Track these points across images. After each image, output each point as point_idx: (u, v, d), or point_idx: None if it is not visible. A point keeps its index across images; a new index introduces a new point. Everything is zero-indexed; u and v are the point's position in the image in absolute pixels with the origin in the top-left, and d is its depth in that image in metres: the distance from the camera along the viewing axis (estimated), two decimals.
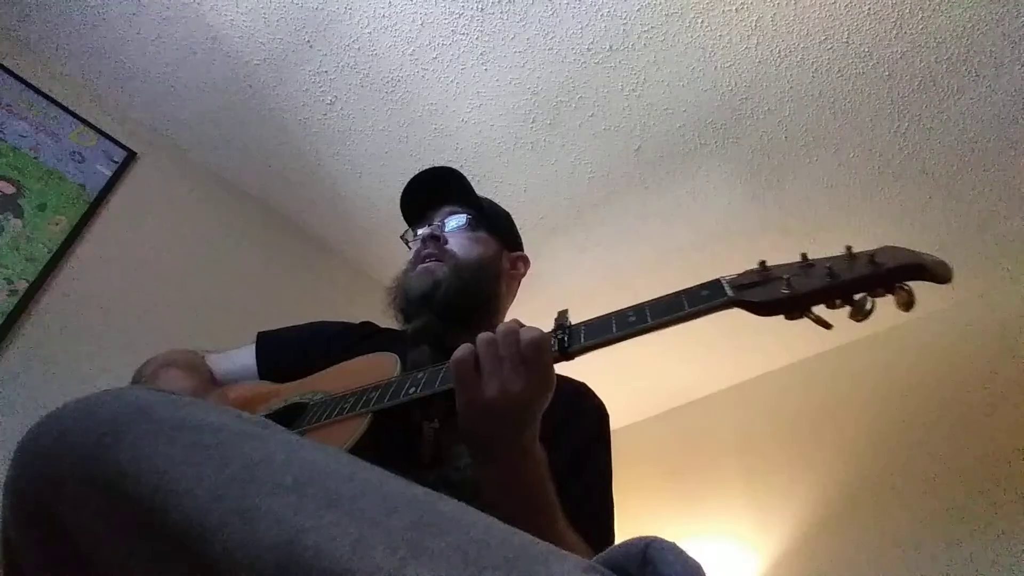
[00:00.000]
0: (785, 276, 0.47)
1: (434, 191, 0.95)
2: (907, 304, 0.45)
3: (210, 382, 0.85)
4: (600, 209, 1.92)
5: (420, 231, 0.89)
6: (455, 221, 0.90)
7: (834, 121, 1.63)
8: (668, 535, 0.31)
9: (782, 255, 0.54)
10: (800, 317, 0.47)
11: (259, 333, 0.93)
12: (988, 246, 1.91)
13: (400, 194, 0.98)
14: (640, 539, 0.31)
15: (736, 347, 2.36)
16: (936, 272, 0.43)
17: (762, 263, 0.50)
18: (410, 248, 0.93)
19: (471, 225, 0.90)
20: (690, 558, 0.30)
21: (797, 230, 1.91)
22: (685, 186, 1.83)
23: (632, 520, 2.51)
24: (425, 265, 0.84)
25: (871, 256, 0.45)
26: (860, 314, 0.46)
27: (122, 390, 0.40)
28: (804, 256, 0.49)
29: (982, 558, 1.67)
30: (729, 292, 0.49)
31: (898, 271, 0.44)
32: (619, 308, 0.55)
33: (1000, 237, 1.88)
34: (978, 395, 1.89)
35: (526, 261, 0.98)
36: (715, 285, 0.50)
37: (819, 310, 0.47)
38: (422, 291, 0.81)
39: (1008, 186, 1.73)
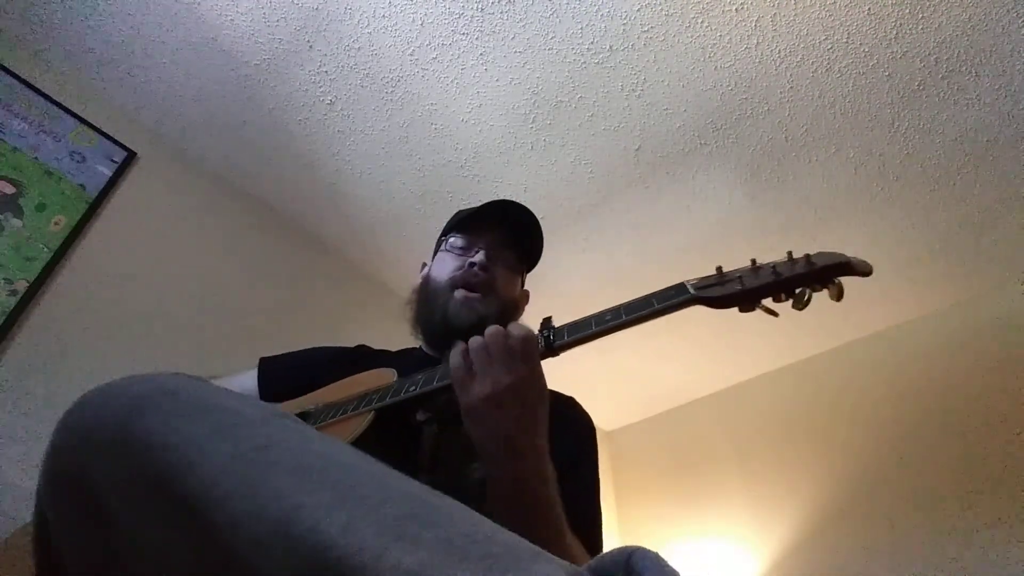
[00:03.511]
0: (738, 276, 0.57)
1: (511, 224, 0.92)
2: (838, 295, 0.54)
3: None
4: (600, 209, 1.92)
5: (471, 252, 0.87)
6: (505, 258, 0.89)
7: (834, 121, 1.63)
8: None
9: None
10: (752, 309, 0.57)
11: (261, 359, 0.95)
12: (988, 246, 1.91)
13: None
14: (625, 548, 0.32)
15: (735, 348, 2.36)
16: (859, 268, 0.54)
17: (719, 268, 0.60)
18: (443, 248, 0.92)
19: (517, 270, 0.93)
20: (669, 567, 0.31)
21: (797, 230, 1.91)
22: (685, 186, 1.83)
23: (632, 520, 2.51)
24: (468, 296, 0.83)
25: (807, 258, 0.55)
26: (800, 304, 0.55)
27: (154, 374, 0.44)
28: (753, 261, 0.59)
29: (981, 557, 1.67)
30: (691, 291, 0.58)
31: (828, 268, 0.54)
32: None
33: (1000, 237, 1.88)
34: (977, 395, 1.90)
35: (528, 297, 1.01)
36: (680, 286, 0.60)
37: (768, 303, 0.57)
38: (469, 324, 0.80)
39: (1008, 186, 1.73)
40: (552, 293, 2.13)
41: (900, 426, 2.00)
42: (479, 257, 0.85)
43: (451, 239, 0.91)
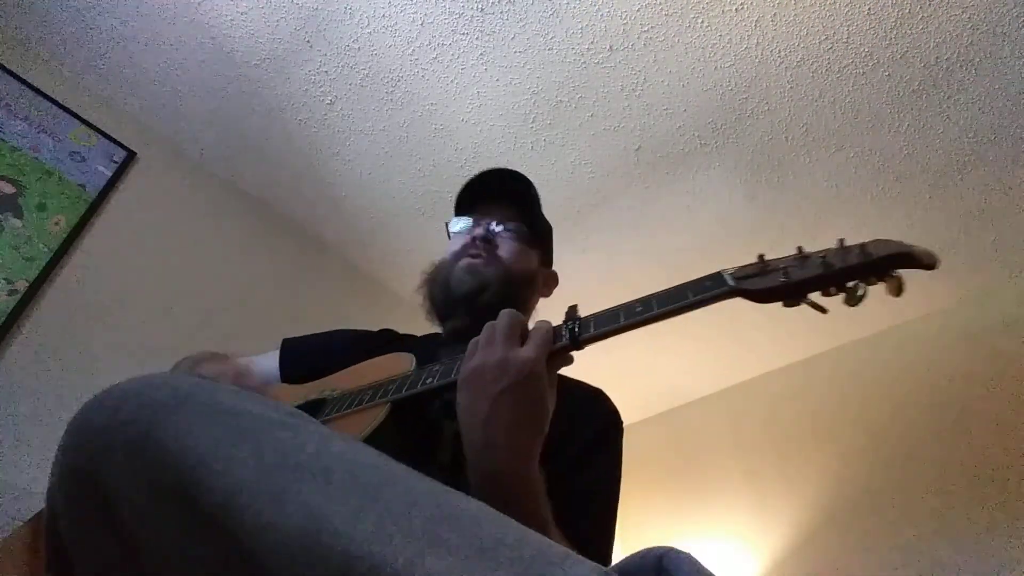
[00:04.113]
0: (782, 266, 0.51)
1: (499, 190, 0.91)
2: (897, 290, 0.48)
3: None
4: (600, 209, 1.92)
5: (474, 228, 0.86)
6: (510, 229, 0.87)
7: (834, 121, 1.63)
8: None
9: (782, 254, 0.55)
10: (797, 304, 0.50)
11: (284, 340, 0.94)
12: (988, 245, 1.91)
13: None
14: (656, 548, 0.32)
15: (736, 347, 2.36)
16: (923, 260, 0.46)
17: (761, 256, 0.53)
18: (450, 236, 0.91)
19: (524, 238, 0.88)
20: (705, 568, 0.30)
21: (797, 230, 1.91)
22: (685, 186, 1.83)
23: (632, 520, 2.51)
24: (472, 261, 0.82)
25: (863, 246, 0.49)
26: (853, 300, 0.49)
27: (171, 375, 0.43)
28: (800, 249, 0.52)
29: (982, 558, 1.67)
30: (730, 282, 0.51)
31: (888, 259, 0.47)
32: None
33: (1000, 236, 1.88)
34: (978, 394, 1.89)
35: (556, 280, 0.97)
36: (717, 276, 0.53)
37: (815, 297, 0.50)
38: (468, 289, 0.79)
39: (1008, 185, 1.73)
40: (552, 293, 2.12)
41: (900, 426, 2.00)
42: (479, 231, 0.84)
43: (457, 223, 0.91)
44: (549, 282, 0.95)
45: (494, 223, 0.87)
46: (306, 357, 0.89)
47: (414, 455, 0.41)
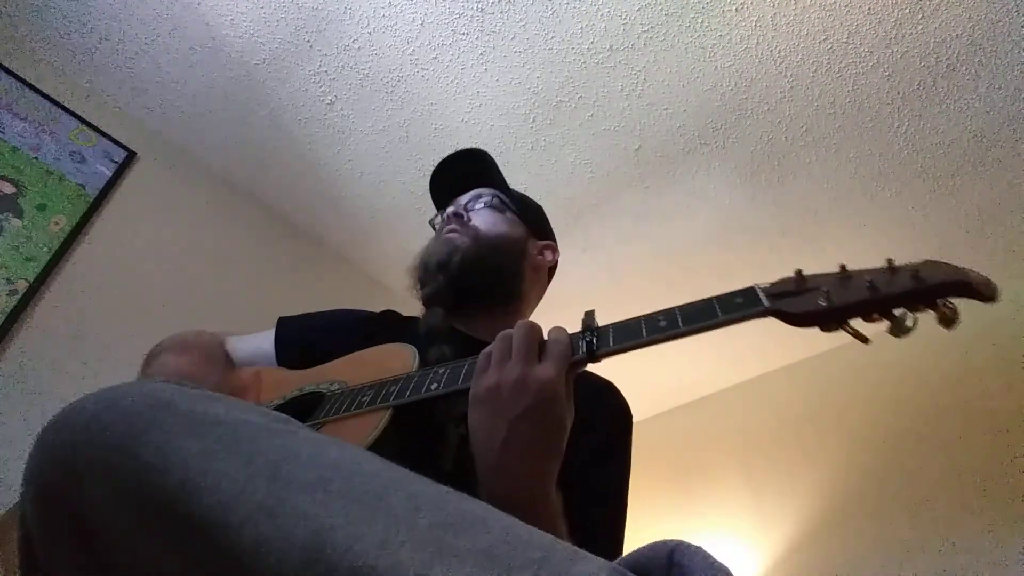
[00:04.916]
0: (823, 288, 0.46)
1: (463, 175, 0.92)
2: (949, 322, 0.43)
3: (224, 368, 0.84)
4: (600, 209, 1.92)
5: (446, 211, 0.88)
6: (481, 201, 0.88)
7: (834, 121, 1.63)
8: (668, 534, 0.31)
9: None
10: (836, 330, 0.47)
11: (280, 318, 0.92)
12: (988, 246, 1.91)
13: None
14: (666, 542, 0.31)
15: (738, 346, 2.36)
16: (981, 290, 0.42)
17: (798, 272, 0.49)
18: (436, 231, 0.92)
19: (497, 206, 0.88)
20: (717, 562, 0.29)
21: (797, 230, 1.91)
22: (685, 186, 1.83)
23: (633, 519, 2.51)
24: (446, 236, 0.83)
25: (914, 271, 0.44)
26: (900, 330, 0.44)
27: (144, 383, 0.40)
28: (843, 267, 0.48)
29: (982, 557, 1.67)
30: (764, 301, 0.48)
31: (941, 287, 0.43)
32: (624, 307, 0.56)
33: (1000, 237, 1.88)
34: (979, 394, 1.89)
35: (554, 250, 0.95)
36: (749, 293, 0.49)
37: (857, 324, 0.46)
38: (438, 258, 0.80)
39: (1008, 186, 1.73)
40: (551, 293, 2.12)
41: (901, 426, 2.00)
42: (451, 209, 0.86)
43: (435, 224, 0.93)
44: (544, 252, 0.93)
45: (464, 200, 0.88)
46: (303, 338, 0.87)
47: (416, 460, 0.39)
